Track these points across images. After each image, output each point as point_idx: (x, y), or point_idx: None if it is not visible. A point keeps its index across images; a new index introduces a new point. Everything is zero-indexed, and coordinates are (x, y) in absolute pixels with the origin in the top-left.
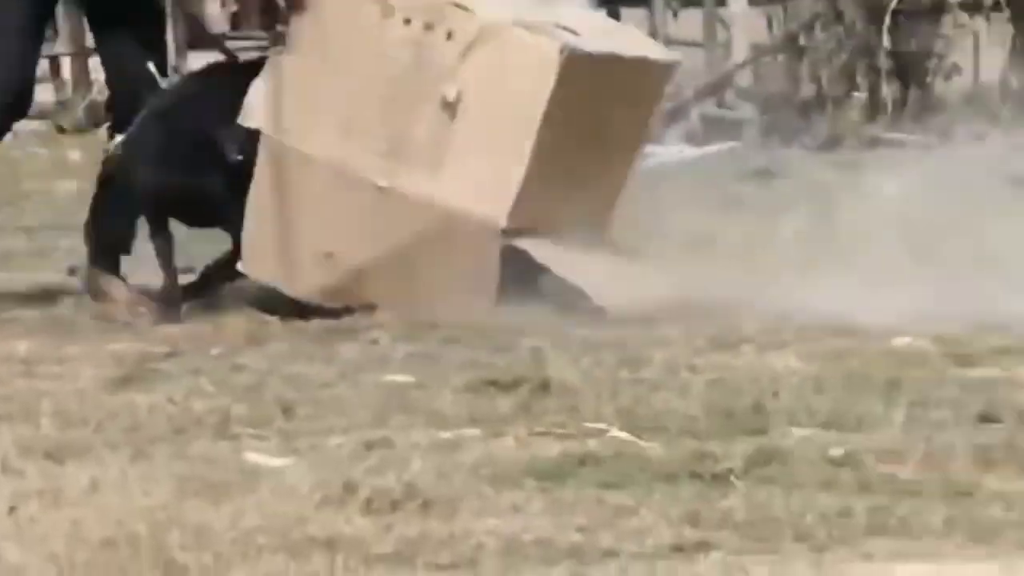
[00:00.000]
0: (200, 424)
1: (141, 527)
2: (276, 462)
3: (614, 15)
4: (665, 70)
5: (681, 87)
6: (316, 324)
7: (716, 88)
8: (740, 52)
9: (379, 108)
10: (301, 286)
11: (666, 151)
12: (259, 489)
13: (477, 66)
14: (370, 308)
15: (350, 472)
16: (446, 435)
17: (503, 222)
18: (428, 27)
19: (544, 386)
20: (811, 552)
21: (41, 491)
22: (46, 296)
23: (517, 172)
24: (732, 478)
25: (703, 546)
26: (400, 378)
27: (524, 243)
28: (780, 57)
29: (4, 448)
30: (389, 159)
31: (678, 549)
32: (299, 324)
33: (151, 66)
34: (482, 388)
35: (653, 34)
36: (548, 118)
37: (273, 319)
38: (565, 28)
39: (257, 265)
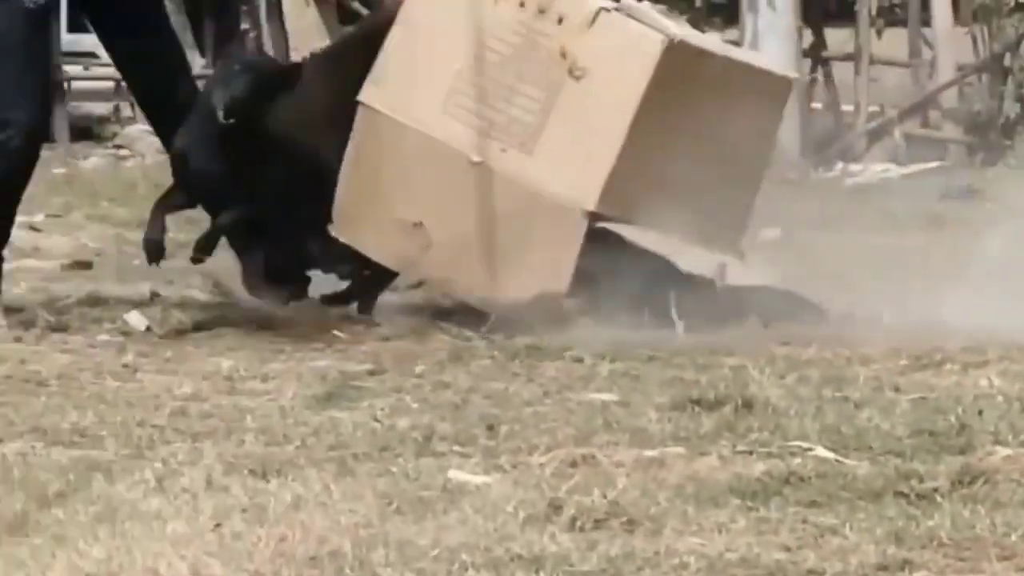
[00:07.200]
0: (404, 441)
1: (345, 544)
2: (480, 479)
3: (819, 35)
4: (781, 83)
5: (885, 107)
6: (519, 342)
7: (921, 107)
8: (945, 72)
9: (483, 87)
10: (386, 254)
11: (870, 170)
12: (462, 506)
13: (584, 51)
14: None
15: (554, 490)
16: (650, 453)
17: (591, 205)
18: (542, 11)
19: (748, 404)
20: (1016, 572)
21: (245, 507)
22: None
23: (609, 158)
24: (937, 497)
25: (907, 565)
26: (604, 396)
27: (618, 227)
28: (985, 77)
29: (209, 465)
30: (484, 137)
31: (882, 568)
32: (501, 341)
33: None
34: (685, 406)
35: (858, 53)
36: (645, 106)
37: (474, 335)
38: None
39: (348, 228)
